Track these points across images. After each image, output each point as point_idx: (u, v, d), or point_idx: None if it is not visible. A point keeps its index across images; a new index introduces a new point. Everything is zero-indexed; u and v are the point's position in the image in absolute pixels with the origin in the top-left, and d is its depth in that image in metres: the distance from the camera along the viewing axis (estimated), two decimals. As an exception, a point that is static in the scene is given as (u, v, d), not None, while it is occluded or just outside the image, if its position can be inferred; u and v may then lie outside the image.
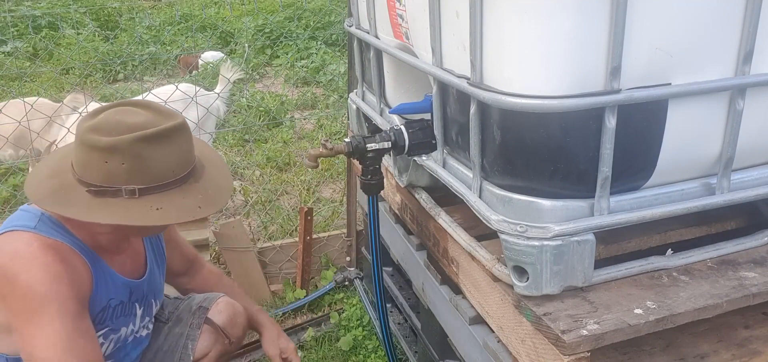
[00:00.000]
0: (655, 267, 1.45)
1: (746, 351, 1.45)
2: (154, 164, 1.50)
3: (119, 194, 1.49)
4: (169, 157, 1.52)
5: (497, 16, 1.25)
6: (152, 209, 1.50)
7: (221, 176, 1.70)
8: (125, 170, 1.48)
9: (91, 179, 1.50)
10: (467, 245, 1.58)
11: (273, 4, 8.95)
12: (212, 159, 1.73)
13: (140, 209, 1.49)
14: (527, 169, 1.32)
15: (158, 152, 1.50)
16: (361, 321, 2.80)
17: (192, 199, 1.56)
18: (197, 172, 1.62)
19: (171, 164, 1.53)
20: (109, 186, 1.49)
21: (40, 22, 8.05)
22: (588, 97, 1.21)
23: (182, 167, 1.56)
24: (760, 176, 1.48)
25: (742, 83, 1.33)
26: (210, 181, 1.64)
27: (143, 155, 1.48)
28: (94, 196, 1.50)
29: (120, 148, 1.46)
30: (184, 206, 1.54)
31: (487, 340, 1.58)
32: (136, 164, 1.48)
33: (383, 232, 2.26)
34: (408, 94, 1.96)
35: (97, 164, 1.48)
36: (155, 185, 1.51)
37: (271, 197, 3.96)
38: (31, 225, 1.54)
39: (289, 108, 5.79)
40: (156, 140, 1.49)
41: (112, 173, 1.48)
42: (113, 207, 1.49)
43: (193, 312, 1.98)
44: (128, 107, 1.58)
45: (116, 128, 1.48)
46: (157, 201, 1.51)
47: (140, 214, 1.49)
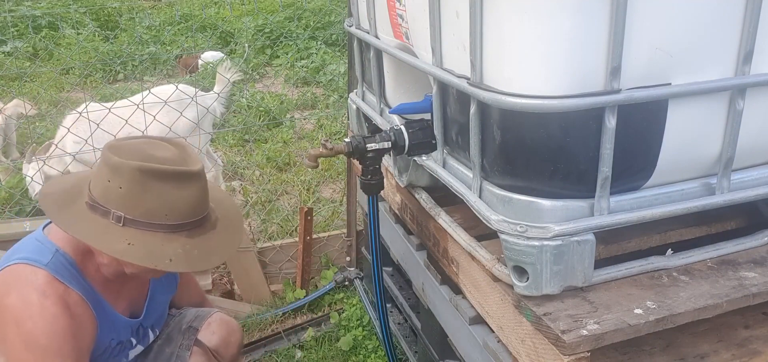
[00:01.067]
0: (655, 267, 1.45)
1: (746, 351, 1.45)
2: (149, 200, 1.45)
3: (107, 216, 1.46)
4: (167, 199, 1.47)
5: (497, 16, 1.25)
6: (123, 241, 1.44)
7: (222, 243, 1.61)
8: (120, 195, 1.45)
9: (94, 193, 1.48)
10: (467, 245, 1.58)
11: (273, 4, 8.95)
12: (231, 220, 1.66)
13: (113, 237, 1.45)
14: (527, 169, 1.32)
15: (158, 190, 1.45)
16: (361, 321, 2.80)
17: (169, 249, 1.48)
18: (199, 226, 1.54)
19: (166, 207, 1.47)
20: (102, 205, 1.46)
21: (40, 22, 8.05)
22: (588, 97, 1.21)
23: (178, 216, 1.49)
24: (760, 176, 1.48)
25: (742, 83, 1.33)
26: (206, 242, 1.55)
27: (142, 187, 1.44)
28: (89, 209, 1.48)
29: (123, 171, 1.44)
30: (154, 252, 1.46)
31: (487, 340, 1.58)
32: (132, 193, 1.45)
33: (383, 232, 2.26)
34: (408, 94, 1.96)
35: (101, 180, 1.47)
36: (142, 221, 1.46)
37: (271, 197, 3.96)
38: (44, 261, 1.51)
39: (289, 108, 5.79)
40: (160, 176, 1.45)
41: (109, 193, 1.46)
42: (94, 226, 1.46)
43: (183, 332, 1.94)
44: (163, 143, 1.55)
45: (134, 153, 1.47)
46: (134, 236, 1.45)
47: (109, 241, 1.44)
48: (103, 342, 1.63)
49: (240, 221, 1.77)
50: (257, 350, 2.76)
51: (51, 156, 3.38)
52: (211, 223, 1.59)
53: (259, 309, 2.98)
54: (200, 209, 1.55)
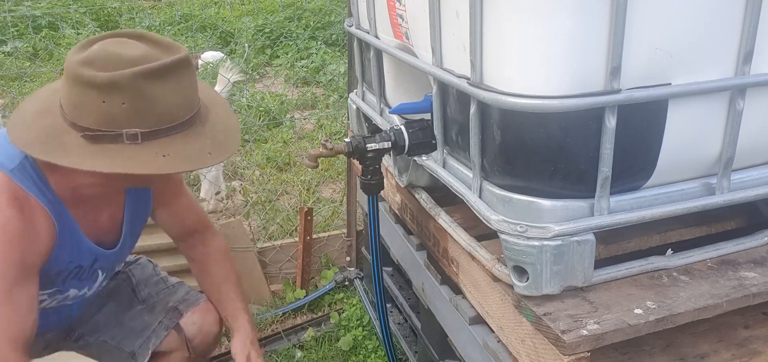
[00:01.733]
0: (655, 267, 1.45)
1: (746, 351, 1.45)
2: (158, 103, 1.31)
3: (119, 140, 1.30)
4: (173, 96, 1.34)
5: (497, 16, 1.25)
6: (158, 156, 1.32)
7: (227, 117, 1.52)
8: (126, 111, 1.29)
9: (87, 122, 1.30)
10: (467, 245, 1.58)
11: (273, 4, 8.95)
12: (214, 99, 1.54)
13: (144, 156, 1.31)
14: (527, 169, 1.32)
15: (162, 90, 1.31)
16: (361, 321, 2.80)
17: (200, 144, 1.38)
18: (202, 114, 1.44)
19: (176, 104, 1.34)
20: (107, 130, 1.30)
21: (40, 22, 8.05)
22: (588, 97, 1.21)
23: (188, 109, 1.38)
24: (760, 176, 1.48)
25: (742, 83, 1.33)
26: (217, 123, 1.46)
27: (146, 94, 1.29)
28: (90, 142, 1.31)
29: (120, 84, 1.27)
30: (193, 152, 1.36)
31: (487, 340, 1.58)
32: (139, 104, 1.29)
33: (383, 232, 2.26)
34: (408, 94, 1.96)
35: (93, 104, 1.29)
36: (160, 128, 1.32)
37: (271, 197, 3.96)
38: (9, 166, 1.38)
39: (289, 108, 5.79)
40: (160, 75, 1.30)
41: (110, 115, 1.29)
42: (113, 154, 1.30)
43: (168, 309, 1.87)
44: (123, 38, 1.37)
45: (113, 61, 1.29)
46: (163, 147, 1.32)
47: (145, 162, 1.31)
48: (60, 261, 1.50)
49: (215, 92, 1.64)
50: (257, 350, 2.76)
51: None
52: (204, 104, 1.47)
53: (259, 309, 2.98)
54: (197, 95, 1.44)
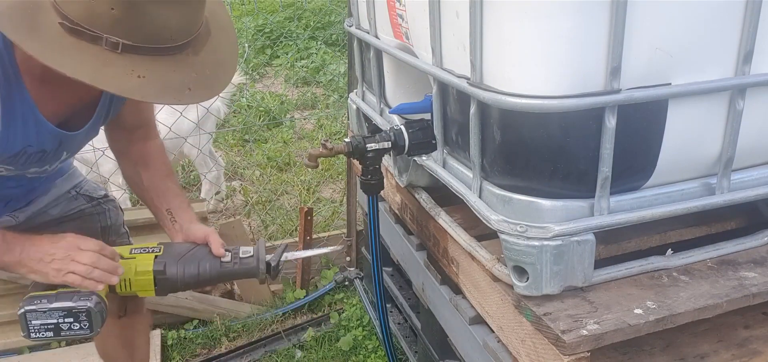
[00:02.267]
0: (655, 267, 1.45)
1: (746, 351, 1.45)
2: (149, 19, 1.20)
3: (98, 42, 1.19)
4: (170, 16, 1.23)
5: (497, 16, 1.25)
6: (132, 74, 1.20)
7: (226, 47, 1.40)
8: (113, 16, 1.18)
9: (70, 11, 1.19)
10: (467, 245, 1.58)
11: (273, 4, 8.95)
12: (220, 21, 1.41)
13: (117, 69, 1.20)
14: (527, 169, 1.32)
15: (158, 9, 1.20)
16: (361, 321, 2.81)
17: (183, 75, 1.26)
18: (200, 40, 1.31)
19: (171, 25, 1.23)
20: (88, 28, 1.19)
21: (40, 22, 8.04)
22: (588, 97, 1.21)
23: (183, 33, 1.26)
24: (760, 176, 1.48)
25: (742, 83, 1.32)
26: (211, 54, 1.33)
27: (140, 7, 1.19)
28: (68, 33, 1.19)
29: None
30: (172, 83, 1.25)
31: (487, 340, 1.58)
32: (130, 15, 1.18)
33: (383, 232, 2.26)
34: (408, 94, 1.96)
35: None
36: (145, 45, 1.21)
37: (271, 197, 3.96)
38: None
39: (289, 108, 5.79)
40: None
41: (96, 14, 1.18)
42: (85, 56, 1.19)
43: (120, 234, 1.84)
44: None
45: None
46: (142, 66, 1.21)
47: (115, 77, 1.20)
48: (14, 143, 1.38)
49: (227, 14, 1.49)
50: (257, 350, 2.76)
51: None
52: (207, 27, 1.34)
53: (259, 309, 2.98)
54: (200, 21, 1.31)
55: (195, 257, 1.51)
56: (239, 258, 1.54)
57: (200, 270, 1.51)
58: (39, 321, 1.41)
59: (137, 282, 1.49)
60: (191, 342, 2.80)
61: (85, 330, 1.42)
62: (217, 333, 2.84)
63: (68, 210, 1.80)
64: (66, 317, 1.41)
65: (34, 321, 1.41)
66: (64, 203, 1.80)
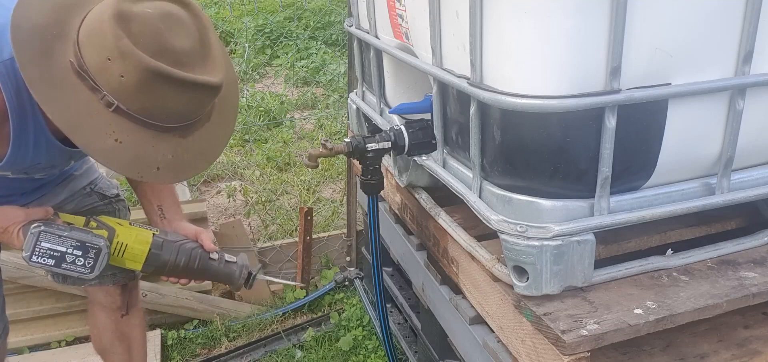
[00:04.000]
0: (655, 267, 1.45)
1: (746, 351, 1.45)
2: (152, 100, 1.21)
3: (96, 93, 1.19)
4: (174, 104, 1.23)
5: (497, 16, 1.25)
6: (111, 136, 1.20)
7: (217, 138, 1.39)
8: (120, 83, 1.18)
9: (85, 55, 1.20)
10: (467, 245, 1.58)
11: (273, 4, 8.94)
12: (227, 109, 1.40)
13: (98, 124, 1.20)
14: (527, 169, 1.32)
15: (165, 94, 1.20)
16: (361, 321, 2.81)
17: (159, 154, 1.25)
18: (194, 125, 1.31)
19: (173, 109, 1.24)
20: (93, 80, 1.19)
21: (40, 22, 8.04)
22: (588, 97, 1.21)
23: (181, 118, 1.27)
24: (760, 176, 1.48)
25: (742, 83, 1.33)
26: (198, 141, 1.32)
27: (149, 89, 1.19)
28: (74, 74, 1.20)
29: (131, 61, 1.17)
30: (143, 157, 1.24)
31: (487, 340, 1.58)
32: (134, 88, 1.19)
33: (383, 232, 2.26)
34: (408, 94, 1.96)
35: (101, 52, 1.19)
36: (137, 116, 1.21)
37: (271, 197, 3.96)
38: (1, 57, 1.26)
39: (289, 108, 5.79)
40: (174, 84, 1.20)
41: (106, 73, 1.19)
42: (77, 99, 1.20)
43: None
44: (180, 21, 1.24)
45: (149, 37, 1.18)
46: (123, 131, 1.21)
47: (92, 132, 1.21)
48: (25, 159, 1.41)
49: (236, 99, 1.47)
50: (257, 350, 2.76)
51: None
52: (208, 112, 1.33)
53: (259, 309, 2.98)
54: (203, 111, 1.31)
55: (187, 248, 1.55)
56: (225, 261, 1.59)
57: (190, 259, 1.54)
58: (48, 244, 1.40)
59: (131, 250, 1.50)
60: (191, 342, 2.80)
61: (86, 269, 1.43)
62: (217, 333, 2.84)
63: (82, 206, 1.81)
64: (76, 249, 1.42)
65: (44, 243, 1.40)
66: (78, 199, 1.82)
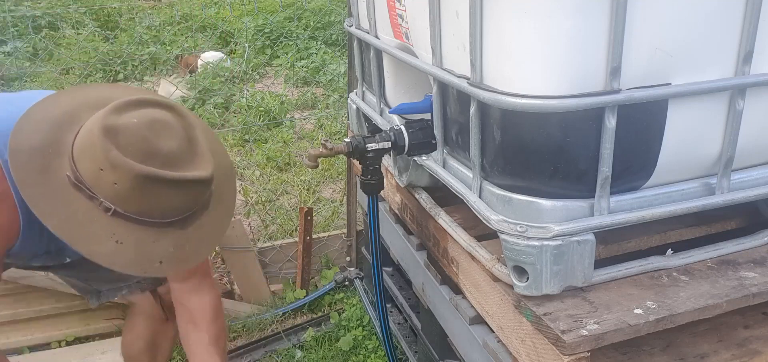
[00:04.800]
0: (655, 267, 1.45)
1: (746, 351, 1.45)
2: (147, 201, 1.26)
3: (93, 200, 1.26)
4: (168, 202, 1.28)
5: (497, 16, 1.25)
6: (111, 238, 1.26)
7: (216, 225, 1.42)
8: (114, 190, 1.25)
9: (80, 168, 1.26)
10: (467, 245, 1.58)
11: (273, 4, 8.95)
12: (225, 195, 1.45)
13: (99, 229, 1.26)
14: (527, 169, 1.32)
15: (158, 194, 1.26)
16: (361, 321, 2.81)
17: (161, 248, 1.30)
18: (193, 216, 1.34)
19: (165, 208, 1.29)
20: (90, 189, 1.26)
21: (40, 22, 8.05)
22: (588, 97, 1.21)
23: (178, 213, 1.31)
24: (760, 176, 1.48)
25: (742, 83, 1.33)
26: (198, 229, 1.36)
27: (142, 192, 1.25)
28: (71, 186, 1.26)
29: (122, 170, 1.23)
30: (145, 253, 1.28)
31: (487, 340, 1.58)
32: (129, 194, 1.25)
33: (383, 232, 2.26)
34: (408, 94, 1.96)
35: (93, 163, 1.25)
36: (134, 217, 1.27)
37: (271, 197, 3.96)
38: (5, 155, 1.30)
39: (289, 108, 5.79)
40: (166, 184, 1.25)
41: (100, 182, 1.25)
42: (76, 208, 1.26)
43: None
44: (166, 124, 1.29)
45: (138, 144, 1.25)
46: (123, 231, 1.26)
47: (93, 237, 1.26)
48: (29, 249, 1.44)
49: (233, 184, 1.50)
50: (257, 350, 2.76)
51: None
52: (205, 201, 1.37)
53: (259, 309, 2.98)
54: (198, 204, 1.34)
55: None
56: None
57: None
58: None
59: None
60: (191, 342, 2.80)
61: None
62: (217, 333, 2.84)
63: None
64: None
65: None
66: None
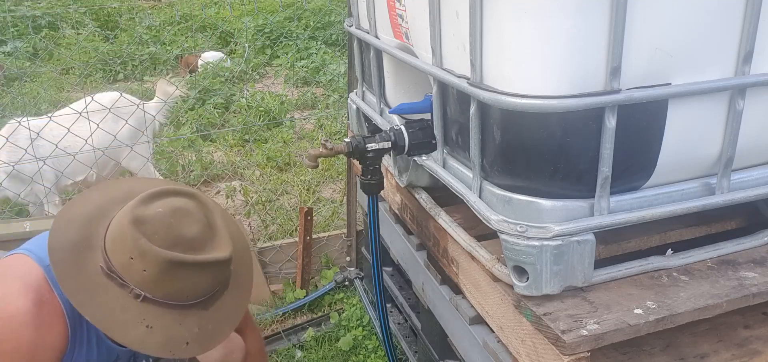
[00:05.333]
0: (655, 267, 1.45)
1: (746, 351, 1.45)
2: (173, 285, 1.40)
3: (124, 288, 1.40)
4: (191, 284, 1.42)
5: (497, 16, 1.25)
6: (142, 324, 1.39)
7: (236, 305, 1.55)
8: (143, 277, 1.39)
9: (113, 259, 1.41)
10: (467, 245, 1.58)
11: (273, 4, 8.96)
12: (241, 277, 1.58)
13: (130, 317, 1.39)
14: (527, 169, 1.32)
15: (185, 277, 1.40)
16: (361, 321, 2.81)
17: (187, 329, 1.43)
18: (214, 296, 1.48)
19: (190, 290, 1.43)
20: (120, 277, 1.40)
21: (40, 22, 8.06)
22: (588, 97, 1.21)
23: (199, 294, 1.45)
24: (760, 176, 1.48)
25: (742, 83, 1.33)
26: (219, 310, 1.49)
27: (169, 276, 1.39)
28: (104, 275, 1.41)
29: (150, 257, 1.37)
30: (174, 336, 1.41)
31: (487, 340, 1.58)
32: (157, 279, 1.39)
33: (383, 232, 2.26)
34: (408, 94, 1.96)
35: (124, 253, 1.40)
36: (163, 300, 1.41)
37: (271, 197, 3.96)
38: (46, 262, 1.45)
39: (289, 108, 5.79)
40: (190, 267, 1.40)
41: (131, 271, 1.39)
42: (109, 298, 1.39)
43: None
44: (187, 212, 1.44)
45: (163, 233, 1.39)
46: (152, 316, 1.40)
47: (126, 324, 1.38)
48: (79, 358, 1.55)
49: (250, 266, 1.66)
50: (260, 349, 2.76)
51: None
52: (223, 282, 1.52)
53: (259, 309, 2.98)
54: (218, 285, 1.49)
55: None
56: None
57: None
58: None
59: None
60: (191, 342, 2.80)
61: None
62: (217, 333, 2.84)
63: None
64: None
65: None
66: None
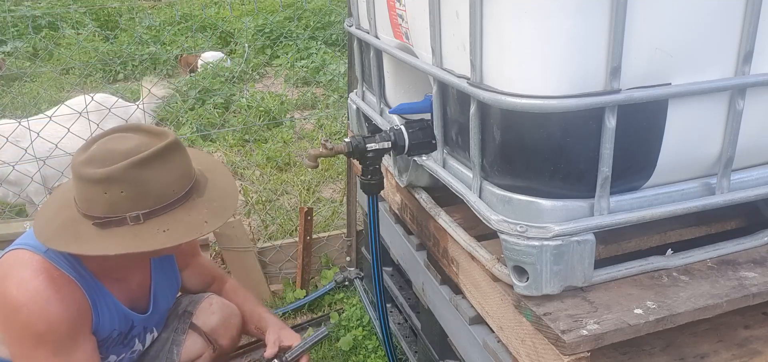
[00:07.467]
0: (655, 267, 1.45)
1: (746, 351, 1.45)
2: (153, 186, 1.49)
3: (124, 223, 1.48)
4: (167, 176, 1.51)
5: (497, 16, 1.25)
6: (159, 231, 1.49)
7: (225, 183, 1.68)
8: (126, 198, 1.47)
9: (95, 212, 1.49)
10: (467, 245, 1.58)
11: (273, 4, 8.95)
12: (212, 166, 1.72)
13: (147, 233, 1.48)
14: (527, 169, 1.32)
15: (155, 174, 1.49)
16: (361, 321, 2.80)
17: (197, 214, 1.54)
18: (199, 185, 1.61)
19: (170, 182, 1.52)
20: (113, 216, 1.48)
21: (40, 22, 8.06)
22: (588, 97, 1.21)
23: (183, 184, 1.55)
24: (760, 176, 1.48)
25: (742, 83, 1.33)
26: (214, 191, 1.62)
27: (141, 180, 1.47)
28: (101, 228, 1.49)
29: (116, 177, 1.45)
30: (191, 223, 1.53)
31: (487, 340, 1.58)
32: (136, 190, 1.47)
33: (383, 232, 2.26)
34: (408, 94, 1.96)
35: (97, 197, 1.47)
36: (159, 207, 1.50)
37: (271, 197, 3.96)
38: (42, 250, 1.54)
39: (289, 108, 5.79)
40: (150, 161, 1.48)
41: (113, 203, 1.47)
42: (121, 236, 1.48)
43: (179, 316, 1.95)
44: (119, 134, 1.57)
45: (109, 156, 1.47)
46: (163, 223, 1.50)
47: (148, 239, 1.48)
48: (104, 330, 1.64)
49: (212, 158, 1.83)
50: (257, 350, 2.75)
51: None
52: (202, 175, 1.64)
53: (259, 309, 2.98)
54: (192, 170, 1.60)
55: None
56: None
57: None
58: None
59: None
60: (191, 342, 2.80)
61: None
62: (217, 333, 2.84)
63: None
64: None
65: None
66: None
